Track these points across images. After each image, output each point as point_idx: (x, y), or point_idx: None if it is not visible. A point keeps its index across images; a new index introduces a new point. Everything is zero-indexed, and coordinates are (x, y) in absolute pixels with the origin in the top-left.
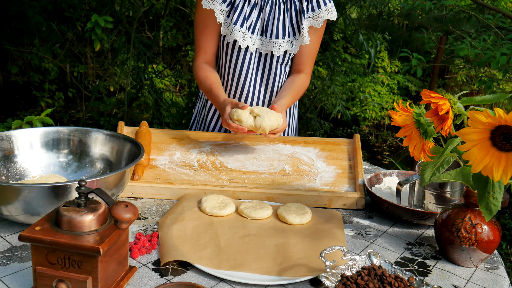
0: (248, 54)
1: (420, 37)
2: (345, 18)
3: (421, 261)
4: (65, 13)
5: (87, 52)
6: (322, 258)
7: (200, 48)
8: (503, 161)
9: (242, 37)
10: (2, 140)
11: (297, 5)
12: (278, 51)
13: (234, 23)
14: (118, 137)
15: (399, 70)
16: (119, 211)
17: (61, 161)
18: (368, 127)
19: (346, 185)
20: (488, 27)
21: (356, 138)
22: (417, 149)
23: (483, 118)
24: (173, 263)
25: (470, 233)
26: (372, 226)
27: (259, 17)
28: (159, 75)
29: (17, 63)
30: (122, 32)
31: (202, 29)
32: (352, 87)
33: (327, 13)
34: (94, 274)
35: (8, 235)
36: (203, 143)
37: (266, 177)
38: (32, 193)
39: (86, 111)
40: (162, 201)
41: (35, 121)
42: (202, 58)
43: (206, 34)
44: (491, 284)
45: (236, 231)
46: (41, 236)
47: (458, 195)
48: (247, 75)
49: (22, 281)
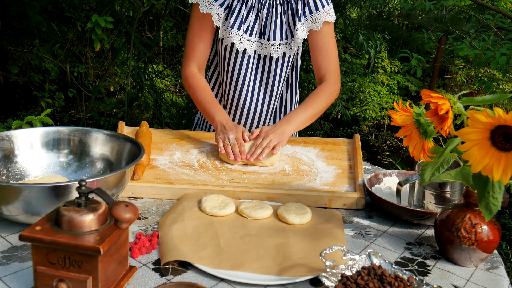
0: (246, 57)
1: (420, 37)
2: (345, 18)
3: (421, 261)
4: (65, 13)
5: (87, 52)
6: (322, 258)
7: (192, 51)
8: (502, 161)
9: (239, 40)
10: (2, 140)
11: (294, 7)
12: (276, 53)
13: (231, 26)
14: (118, 137)
15: (399, 70)
16: (119, 211)
17: (62, 161)
18: (368, 127)
19: (346, 185)
20: (488, 27)
21: (356, 138)
22: (417, 149)
23: (482, 118)
24: (173, 263)
25: (470, 233)
26: (372, 226)
27: (256, 19)
28: (159, 75)
29: (18, 63)
30: (122, 32)
31: (196, 31)
32: (352, 87)
33: (325, 15)
34: (94, 274)
35: (9, 235)
36: (203, 143)
37: (266, 177)
38: (32, 193)
39: (86, 111)
40: (162, 201)
41: (35, 121)
42: (193, 63)
43: (201, 38)
44: (491, 284)
45: (236, 231)
46: (41, 236)
47: (458, 195)
48: (245, 78)
49: (23, 281)
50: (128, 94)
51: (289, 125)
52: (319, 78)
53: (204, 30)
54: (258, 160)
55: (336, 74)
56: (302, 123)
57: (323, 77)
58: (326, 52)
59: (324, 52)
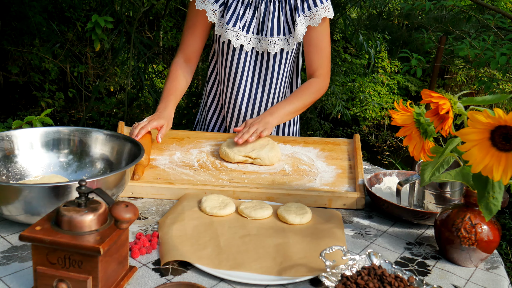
0: (243, 53)
1: (420, 37)
2: (345, 18)
3: (421, 261)
4: (65, 13)
5: (87, 52)
6: (322, 258)
7: (182, 44)
8: (502, 161)
9: (235, 37)
10: (2, 140)
11: (292, 3)
12: (274, 49)
13: (227, 23)
14: (118, 137)
15: (399, 70)
16: (119, 211)
17: (62, 161)
18: (368, 127)
19: (346, 185)
20: (488, 27)
21: (356, 138)
22: (417, 149)
23: (482, 118)
24: (173, 263)
25: (470, 233)
26: (372, 226)
27: (254, 15)
28: (159, 75)
29: (18, 63)
30: (122, 32)
31: (189, 25)
32: (352, 87)
33: (324, 11)
34: (94, 274)
35: (9, 235)
36: (203, 143)
37: (266, 177)
38: (32, 193)
39: (86, 111)
40: (162, 201)
41: (35, 121)
42: (183, 54)
43: (193, 32)
44: (491, 284)
45: (236, 231)
46: (41, 236)
47: (458, 195)
48: (242, 74)
49: (23, 281)
50: (128, 94)
51: (272, 116)
52: (310, 72)
53: (197, 25)
54: (257, 158)
55: (327, 70)
56: (286, 115)
57: (314, 72)
58: (320, 49)
59: (319, 48)
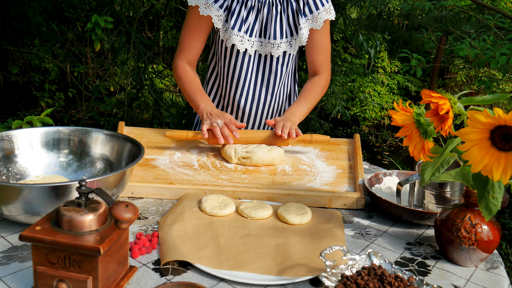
0: (247, 57)
1: (420, 37)
2: (345, 18)
3: (421, 261)
4: (65, 13)
5: (87, 52)
6: (322, 258)
7: (184, 47)
8: (502, 161)
9: (240, 41)
10: (2, 140)
11: (294, 6)
12: (277, 52)
13: (232, 28)
14: (118, 137)
15: (399, 70)
16: (119, 211)
17: (62, 161)
18: (368, 127)
19: (346, 185)
20: (488, 27)
21: (356, 138)
22: (417, 149)
23: (482, 118)
24: (173, 263)
25: (470, 233)
26: (372, 226)
27: (256, 19)
28: (159, 75)
29: (18, 63)
30: (122, 32)
31: (191, 30)
32: (352, 87)
33: (325, 14)
34: (94, 274)
35: (9, 235)
36: (203, 143)
37: (266, 177)
38: (32, 193)
39: (86, 111)
40: (162, 201)
41: (35, 121)
42: (184, 57)
43: (195, 36)
44: (491, 284)
45: (236, 231)
46: (41, 236)
47: (458, 195)
48: (246, 77)
49: (23, 280)
50: (128, 94)
51: (295, 117)
52: (313, 71)
53: (199, 30)
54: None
55: (329, 68)
56: (303, 116)
57: (318, 71)
58: (323, 49)
59: (321, 49)
